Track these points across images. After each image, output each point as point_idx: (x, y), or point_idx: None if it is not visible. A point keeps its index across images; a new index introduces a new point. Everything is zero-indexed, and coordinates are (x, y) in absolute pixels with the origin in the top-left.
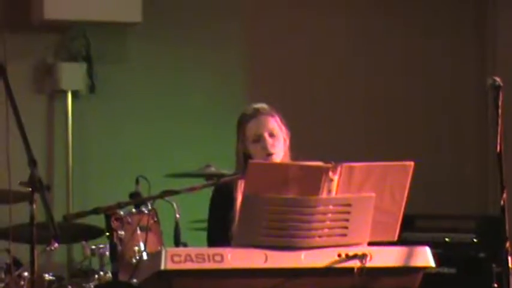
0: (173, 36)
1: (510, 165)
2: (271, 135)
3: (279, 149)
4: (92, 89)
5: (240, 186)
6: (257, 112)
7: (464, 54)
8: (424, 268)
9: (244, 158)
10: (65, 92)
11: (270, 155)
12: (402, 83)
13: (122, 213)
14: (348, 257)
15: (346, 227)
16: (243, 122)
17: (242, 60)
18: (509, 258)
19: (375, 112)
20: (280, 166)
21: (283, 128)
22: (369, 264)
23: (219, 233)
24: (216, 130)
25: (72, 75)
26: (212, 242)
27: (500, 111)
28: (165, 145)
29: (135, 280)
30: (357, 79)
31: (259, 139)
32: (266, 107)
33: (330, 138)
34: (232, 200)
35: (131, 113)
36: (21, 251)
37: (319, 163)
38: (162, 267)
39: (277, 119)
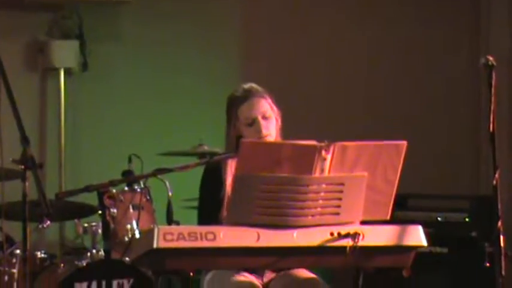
0: (166, 14)
1: (502, 145)
2: (264, 117)
3: (272, 130)
4: (84, 67)
5: (230, 166)
6: (249, 94)
7: (459, 36)
8: (416, 247)
9: (236, 140)
10: (57, 70)
11: (264, 137)
12: (397, 64)
13: (114, 191)
14: (340, 236)
15: (338, 206)
16: (234, 104)
17: (236, 38)
18: (501, 237)
19: (370, 93)
20: (273, 145)
21: (275, 108)
22: (361, 243)
23: (209, 213)
24: (210, 109)
25: (64, 53)
26: (202, 221)
27: (493, 90)
28: (158, 123)
29: (127, 258)
30: (353, 59)
31: (253, 122)
32: (256, 87)
33: (326, 117)
34: (223, 179)
35: (124, 91)
36: (13, 228)
37: (313, 142)
38: (155, 245)
39: (269, 99)
